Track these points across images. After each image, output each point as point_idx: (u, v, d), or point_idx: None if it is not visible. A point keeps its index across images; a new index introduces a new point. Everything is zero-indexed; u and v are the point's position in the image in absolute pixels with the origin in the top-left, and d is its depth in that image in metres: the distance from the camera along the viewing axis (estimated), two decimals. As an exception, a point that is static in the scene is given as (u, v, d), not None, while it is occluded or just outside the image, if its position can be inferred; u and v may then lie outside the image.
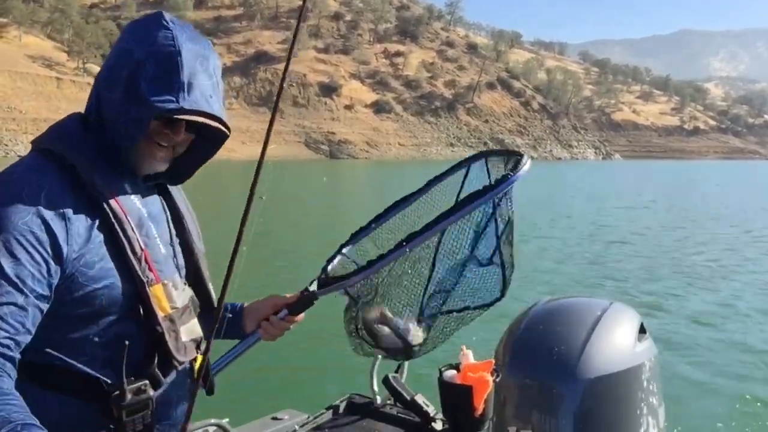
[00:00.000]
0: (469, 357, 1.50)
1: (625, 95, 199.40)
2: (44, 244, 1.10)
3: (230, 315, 1.48)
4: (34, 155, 1.20)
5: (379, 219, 1.75)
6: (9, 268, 1.06)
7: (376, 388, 1.98)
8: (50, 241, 1.11)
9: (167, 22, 1.21)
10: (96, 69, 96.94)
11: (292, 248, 13.48)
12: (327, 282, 1.52)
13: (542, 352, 1.76)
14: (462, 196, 1.68)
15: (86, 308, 1.17)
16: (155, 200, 1.33)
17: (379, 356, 1.76)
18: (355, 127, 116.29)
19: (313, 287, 1.54)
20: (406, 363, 1.91)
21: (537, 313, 1.91)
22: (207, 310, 1.39)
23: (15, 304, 1.06)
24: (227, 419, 1.84)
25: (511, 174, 1.46)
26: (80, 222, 1.15)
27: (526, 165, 1.50)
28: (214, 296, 1.43)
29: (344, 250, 1.74)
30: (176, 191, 1.42)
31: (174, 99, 1.17)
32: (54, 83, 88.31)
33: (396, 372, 1.95)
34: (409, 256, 1.50)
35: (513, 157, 1.61)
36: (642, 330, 1.86)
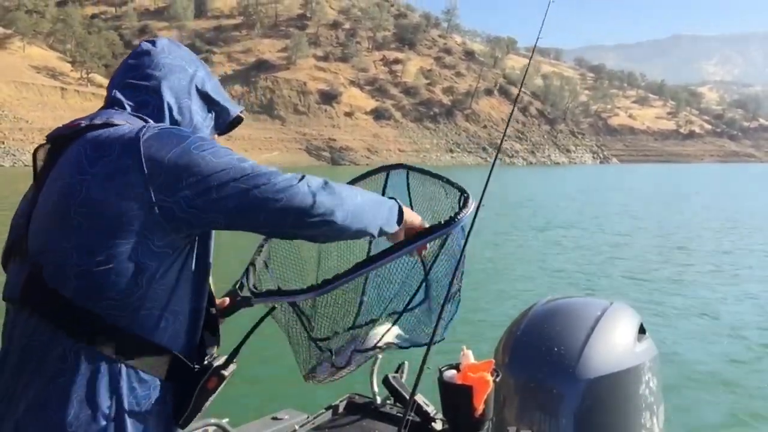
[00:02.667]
0: (469, 357, 1.49)
1: (621, 100, 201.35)
2: None
3: None
4: None
5: None
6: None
7: (375, 388, 1.98)
8: None
9: (175, 41, 1.38)
10: (99, 79, 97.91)
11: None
12: (266, 293, 1.51)
13: (542, 352, 1.75)
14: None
15: (189, 270, 1.19)
16: None
17: (379, 356, 1.74)
18: (356, 134, 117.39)
19: (245, 292, 1.55)
20: (406, 363, 1.93)
21: (537, 313, 1.92)
22: None
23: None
24: (227, 419, 1.84)
25: (456, 218, 1.38)
26: None
27: (471, 208, 1.42)
28: None
29: (263, 253, 1.78)
30: None
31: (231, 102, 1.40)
32: (58, 93, 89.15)
33: (396, 372, 1.95)
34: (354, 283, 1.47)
35: (451, 185, 1.55)
36: (642, 330, 1.86)
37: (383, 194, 1.76)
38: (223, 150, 1.14)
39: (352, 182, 1.80)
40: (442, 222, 1.39)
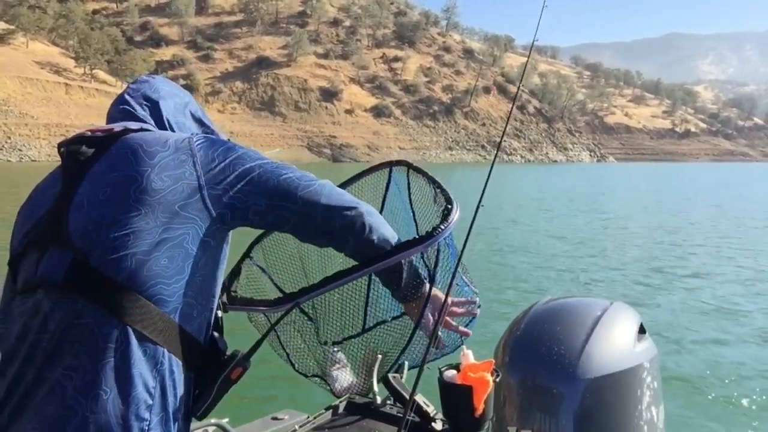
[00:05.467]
0: (469, 357, 1.48)
1: (617, 99, 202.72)
2: None
3: None
4: None
5: None
6: None
7: (375, 388, 1.96)
8: None
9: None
10: (103, 75, 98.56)
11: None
12: (241, 300, 1.53)
13: (542, 352, 1.76)
14: (386, 200, 1.75)
15: (217, 265, 1.29)
16: None
17: (379, 356, 1.76)
18: (356, 131, 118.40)
19: (223, 298, 1.54)
20: (406, 363, 1.92)
21: (537, 313, 1.92)
22: None
23: None
24: (227, 419, 1.85)
25: (441, 228, 1.35)
26: None
27: (456, 215, 1.39)
28: None
29: (253, 256, 1.80)
30: None
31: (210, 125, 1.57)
32: (63, 89, 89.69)
33: (396, 372, 1.94)
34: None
35: (441, 192, 1.52)
36: (642, 330, 1.87)
37: (386, 190, 1.83)
38: (257, 151, 1.32)
39: (355, 177, 1.87)
40: (425, 234, 1.36)
